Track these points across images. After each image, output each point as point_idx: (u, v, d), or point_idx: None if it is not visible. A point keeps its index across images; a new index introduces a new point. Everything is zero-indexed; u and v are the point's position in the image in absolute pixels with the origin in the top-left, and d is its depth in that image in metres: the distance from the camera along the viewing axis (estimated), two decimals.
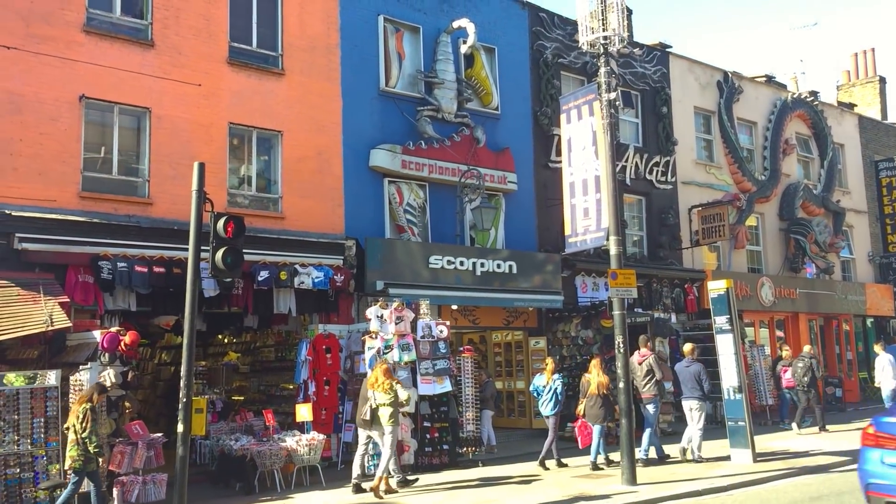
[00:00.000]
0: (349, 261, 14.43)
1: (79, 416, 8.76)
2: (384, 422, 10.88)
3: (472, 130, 16.75)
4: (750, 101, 23.60)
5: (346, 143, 15.08)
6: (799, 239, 23.22)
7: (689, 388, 12.47)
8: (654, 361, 12.77)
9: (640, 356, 13.01)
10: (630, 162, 19.77)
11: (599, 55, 11.15)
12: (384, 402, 10.84)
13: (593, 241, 12.54)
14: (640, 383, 12.65)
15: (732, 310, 11.88)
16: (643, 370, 12.71)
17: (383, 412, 10.88)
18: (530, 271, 16.68)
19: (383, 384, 10.93)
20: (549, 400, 12.54)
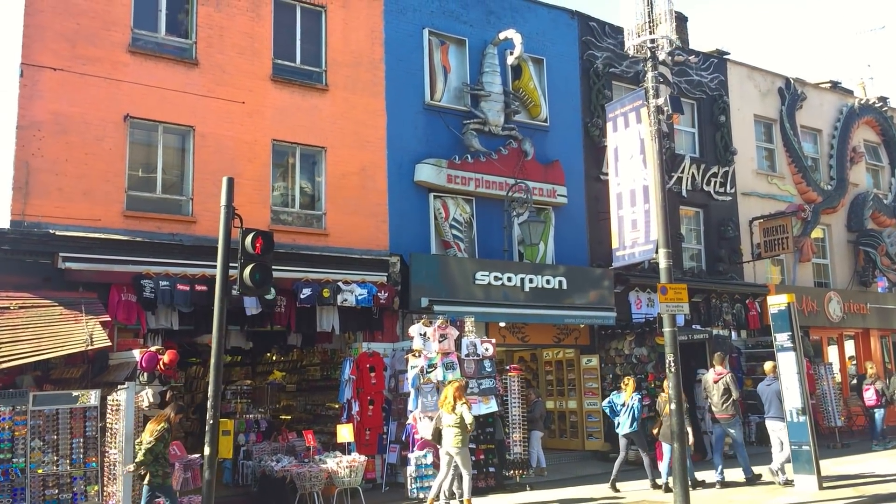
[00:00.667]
0: (393, 277, 14.18)
1: (153, 433, 8.84)
2: (449, 444, 10.62)
3: (519, 143, 16.37)
4: (814, 108, 22.60)
5: (390, 158, 14.89)
6: (869, 251, 22.06)
7: (774, 408, 12.05)
8: (730, 380, 12.38)
9: (716, 374, 12.61)
10: (686, 173, 19.08)
11: (646, 59, 10.64)
12: (449, 423, 10.61)
13: (642, 255, 12.01)
14: (717, 402, 12.32)
15: (794, 326, 11.17)
16: (720, 389, 12.34)
17: (447, 433, 10.64)
18: (581, 287, 16.16)
19: (448, 404, 10.66)
20: (627, 418, 12.33)
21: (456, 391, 10.75)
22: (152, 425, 9.02)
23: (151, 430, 8.94)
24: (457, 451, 10.59)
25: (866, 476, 12.81)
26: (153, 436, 8.83)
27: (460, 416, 10.53)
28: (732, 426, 12.34)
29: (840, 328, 21.34)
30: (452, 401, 10.65)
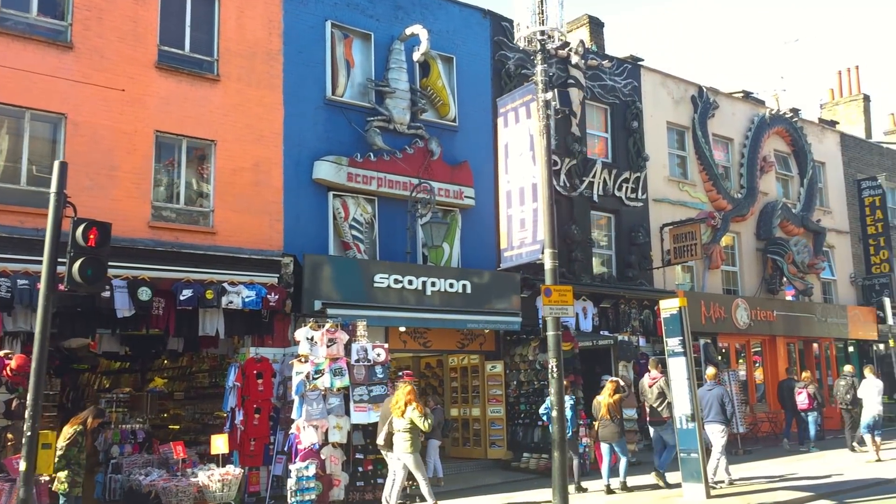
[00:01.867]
0: (286, 279, 13.51)
1: (67, 437, 8.48)
2: (400, 450, 10.48)
3: (426, 143, 15.90)
4: (726, 117, 22.83)
5: (287, 154, 14.22)
6: (776, 259, 22.36)
7: (713, 412, 12.33)
8: (664, 384, 12.57)
9: (650, 379, 12.95)
10: (598, 178, 18.93)
11: (536, 52, 10.29)
12: (399, 428, 10.45)
13: (529, 255, 11.64)
14: (653, 406, 12.62)
15: (685, 331, 10.96)
16: (654, 392, 12.67)
17: (398, 439, 10.49)
18: (486, 291, 15.76)
19: (399, 408, 10.52)
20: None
21: (408, 395, 10.61)
22: (67, 429, 8.60)
23: (66, 435, 8.51)
24: (408, 456, 10.44)
25: (760, 479, 12.78)
26: (66, 441, 8.25)
27: (411, 421, 10.39)
28: (666, 429, 12.45)
29: (748, 335, 21.53)
30: (403, 405, 10.51)
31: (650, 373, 13.17)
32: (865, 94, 31.50)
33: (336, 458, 11.67)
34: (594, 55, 19.69)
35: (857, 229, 26.34)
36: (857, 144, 27.57)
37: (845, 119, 31.15)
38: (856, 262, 26.15)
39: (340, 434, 11.70)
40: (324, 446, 11.56)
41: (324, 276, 13.59)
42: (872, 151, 28.21)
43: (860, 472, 13.43)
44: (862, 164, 27.24)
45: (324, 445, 11.56)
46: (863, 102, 31.30)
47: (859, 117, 31.24)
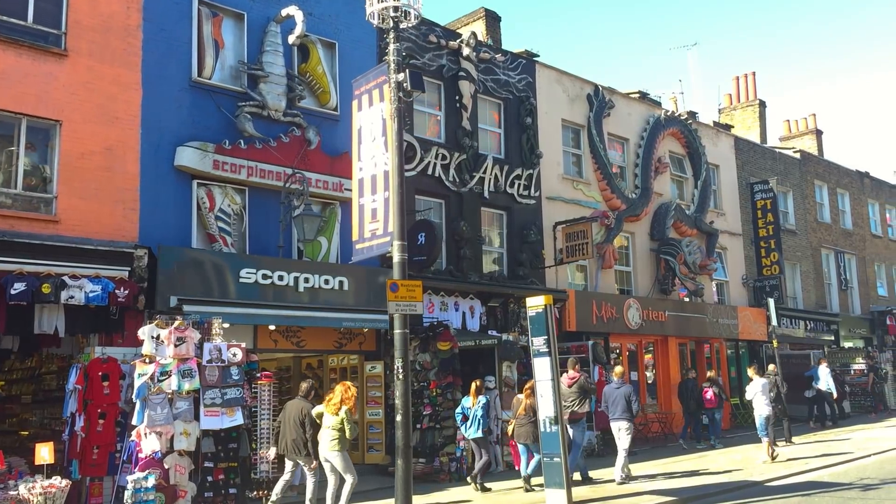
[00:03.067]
0: (139, 273, 12.45)
1: None
2: (325, 448, 10.23)
3: (303, 131, 15.08)
4: (622, 117, 22.79)
5: (145, 138, 13.16)
6: (669, 260, 22.43)
7: (619, 409, 13.00)
8: (584, 381, 13.18)
9: (569, 379, 13.11)
10: (489, 174, 18.47)
11: (389, 30, 9.64)
12: (329, 425, 10.25)
13: (379, 248, 11.01)
14: (570, 404, 12.73)
15: (550, 330, 10.51)
16: (574, 391, 12.91)
17: (324, 435, 10.28)
18: (365, 288, 15.06)
19: (334, 405, 10.33)
20: (473, 423, 12.69)
21: (347, 395, 10.43)
22: None
23: None
24: (335, 455, 10.22)
25: (642, 478, 12.52)
26: None
27: (341, 421, 10.23)
28: (578, 425, 12.80)
29: (640, 335, 21.49)
30: (339, 403, 10.35)
31: (567, 373, 13.29)
32: (761, 100, 32.29)
33: (182, 468, 10.71)
34: (487, 48, 19.26)
35: (750, 232, 26.81)
36: (750, 148, 28.11)
37: (742, 124, 31.87)
38: (748, 264, 26.60)
39: (188, 441, 10.75)
40: (168, 454, 10.62)
41: (181, 269, 12.61)
42: (766, 156, 28.84)
43: (751, 473, 13.29)
44: (755, 168, 27.78)
45: (168, 453, 10.62)
46: (758, 108, 32.08)
47: (755, 122, 32.01)
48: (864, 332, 31.74)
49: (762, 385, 16.05)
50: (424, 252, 15.83)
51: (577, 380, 13.07)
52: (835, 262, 31.02)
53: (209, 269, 12.95)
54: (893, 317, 32.35)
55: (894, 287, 35.25)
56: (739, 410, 23.91)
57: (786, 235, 28.16)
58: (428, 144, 17.30)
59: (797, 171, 30.02)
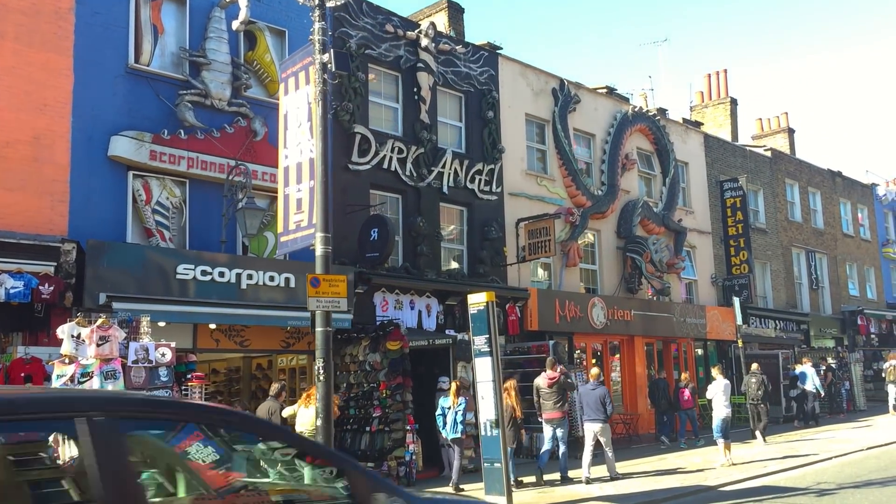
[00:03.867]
0: (66, 268, 11.81)
1: None
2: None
3: (249, 122, 14.50)
4: (588, 113, 22.36)
5: (76, 127, 12.52)
6: (635, 258, 22.01)
7: (593, 410, 13.17)
8: (564, 381, 13.48)
9: (548, 379, 13.38)
10: (448, 168, 17.95)
11: (314, 9, 9.09)
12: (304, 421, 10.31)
13: (304, 240, 10.46)
14: (547, 404, 13.15)
15: (492, 328, 10.00)
16: (553, 391, 13.19)
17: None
18: None
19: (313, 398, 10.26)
20: (452, 424, 12.47)
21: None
22: None
23: None
24: None
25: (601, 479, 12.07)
26: None
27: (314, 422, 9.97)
28: (560, 425, 13.08)
29: (605, 335, 21.06)
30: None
31: (546, 373, 13.60)
32: (732, 98, 32.03)
33: None
34: (447, 40, 18.74)
35: (719, 230, 26.50)
36: (720, 146, 27.79)
37: (713, 122, 31.59)
38: (717, 263, 26.28)
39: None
40: None
41: (111, 265, 11.96)
42: (736, 153, 28.54)
43: (706, 478, 12.87)
44: (725, 166, 27.47)
45: None
46: (730, 106, 31.81)
47: (727, 120, 31.74)
48: (835, 331, 31.57)
49: (724, 386, 15.70)
50: (377, 248, 15.30)
51: (557, 380, 13.30)
52: (806, 262, 30.82)
53: (142, 265, 12.31)
54: (864, 317, 32.23)
55: (866, 287, 35.15)
56: (707, 412, 23.52)
57: (756, 234, 27.88)
58: (384, 137, 16.76)
59: (768, 170, 29.76)
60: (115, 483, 2.97)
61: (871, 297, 35.15)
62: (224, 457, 3.53)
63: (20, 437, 3.25)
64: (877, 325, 33.45)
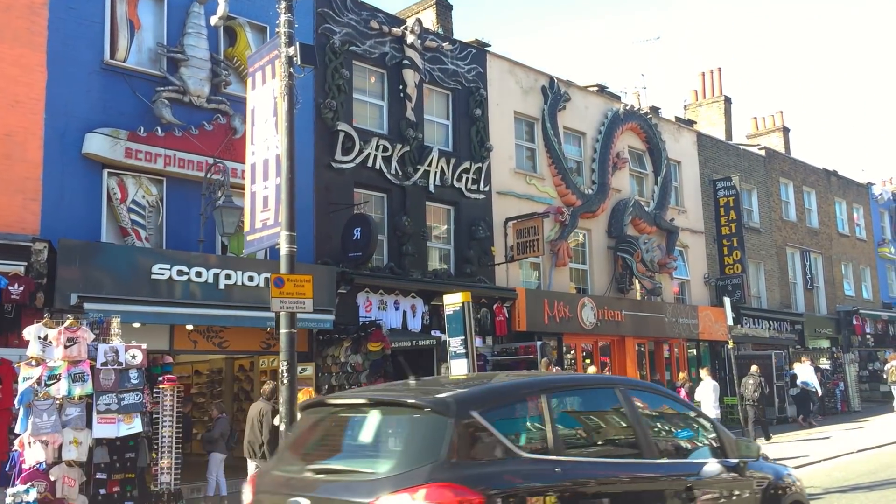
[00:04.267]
0: (37, 268, 11.56)
1: None
2: None
3: (229, 119, 14.24)
4: (579, 111, 22.12)
5: (50, 124, 12.28)
6: (626, 258, 21.77)
7: None
8: None
9: None
10: (434, 167, 17.71)
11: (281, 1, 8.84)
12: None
13: (270, 239, 10.21)
14: None
15: (468, 330, 9.76)
16: None
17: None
18: None
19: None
20: None
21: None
22: None
23: None
24: None
25: None
26: None
27: None
28: None
29: (595, 335, 20.82)
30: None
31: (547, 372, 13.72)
32: (726, 96, 31.81)
33: (71, 480, 9.84)
34: (434, 37, 18.50)
35: (712, 229, 26.26)
36: (713, 145, 27.56)
37: (707, 120, 31.36)
38: (710, 263, 26.04)
39: (78, 451, 9.88)
40: (55, 465, 9.75)
41: (83, 264, 11.71)
42: (729, 152, 28.30)
43: None
44: (718, 165, 27.23)
45: (55, 464, 9.76)
46: (724, 104, 31.58)
47: (721, 119, 31.51)
48: (830, 332, 31.34)
49: (713, 387, 15.52)
50: (360, 248, 15.08)
51: None
52: (800, 261, 30.58)
53: (116, 265, 12.06)
54: (860, 317, 32.00)
55: (861, 287, 34.92)
56: None
57: (750, 234, 27.65)
58: (368, 135, 16.51)
59: (762, 169, 29.53)
60: (634, 418, 5.45)
61: (866, 297, 34.92)
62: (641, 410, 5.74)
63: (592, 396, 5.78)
64: (872, 325, 33.22)
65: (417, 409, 4.68)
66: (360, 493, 4.32)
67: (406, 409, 4.80)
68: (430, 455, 4.33)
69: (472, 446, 4.48)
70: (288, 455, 5.34)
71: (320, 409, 5.38)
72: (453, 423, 4.43)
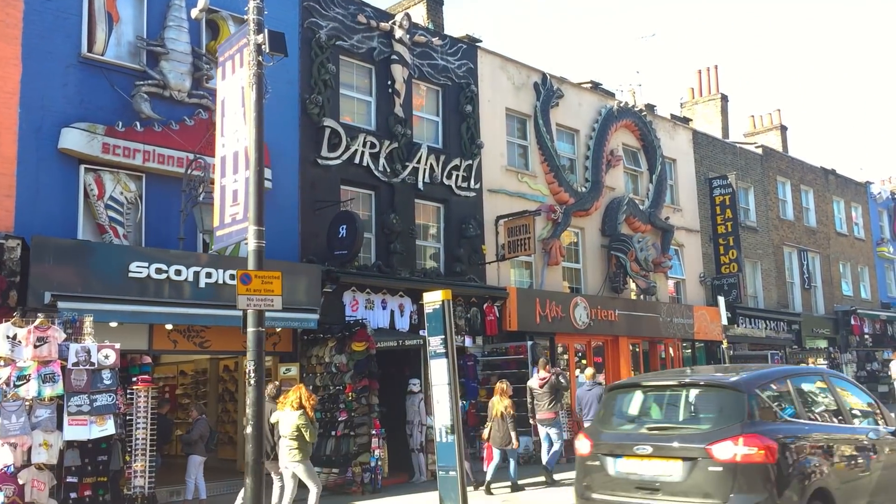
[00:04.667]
0: (10, 266, 11.25)
1: None
2: (286, 457, 9.81)
3: (211, 114, 13.93)
4: (572, 108, 21.83)
5: (24, 118, 11.98)
6: (619, 256, 21.45)
7: (593, 411, 13.10)
8: (556, 381, 13.50)
9: (539, 380, 13.53)
10: (424, 164, 17.41)
11: None
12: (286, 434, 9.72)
13: (238, 234, 9.90)
14: (540, 405, 13.32)
15: (448, 329, 9.45)
16: (546, 391, 13.30)
17: (283, 445, 9.84)
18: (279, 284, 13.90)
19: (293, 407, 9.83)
20: None
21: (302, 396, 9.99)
22: None
23: None
24: (296, 465, 9.83)
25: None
26: None
27: (298, 428, 9.74)
28: (554, 425, 13.27)
29: (588, 335, 20.51)
30: (297, 406, 9.89)
31: (538, 373, 13.86)
32: (723, 94, 31.50)
33: (41, 483, 9.58)
34: (423, 32, 18.21)
35: (708, 228, 25.96)
36: (710, 143, 27.25)
37: (704, 118, 31.07)
38: (706, 262, 25.74)
39: (48, 453, 9.64)
40: (24, 468, 9.48)
41: (58, 262, 11.40)
42: (725, 150, 28.00)
43: None
44: (714, 163, 26.94)
45: (24, 467, 9.49)
46: (720, 102, 31.29)
47: (717, 117, 31.21)
48: (827, 332, 31.04)
49: None
50: (346, 245, 14.80)
51: (548, 380, 13.39)
52: (798, 261, 30.28)
53: (92, 263, 11.75)
54: (858, 317, 31.70)
55: (860, 286, 34.63)
56: None
57: (746, 233, 27.37)
58: (355, 131, 16.22)
59: (759, 167, 29.24)
60: (835, 395, 7.83)
61: (864, 296, 34.62)
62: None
63: (811, 380, 8.23)
64: (871, 325, 32.92)
65: (723, 387, 7.08)
66: (695, 441, 6.63)
67: (714, 388, 7.19)
68: (738, 417, 6.66)
69: (759, 411, 6.79)
70: (614, 420, 7.55)
71: (632, 388, 7.80)
72: (746, 396, 6.79)
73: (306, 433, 9.81)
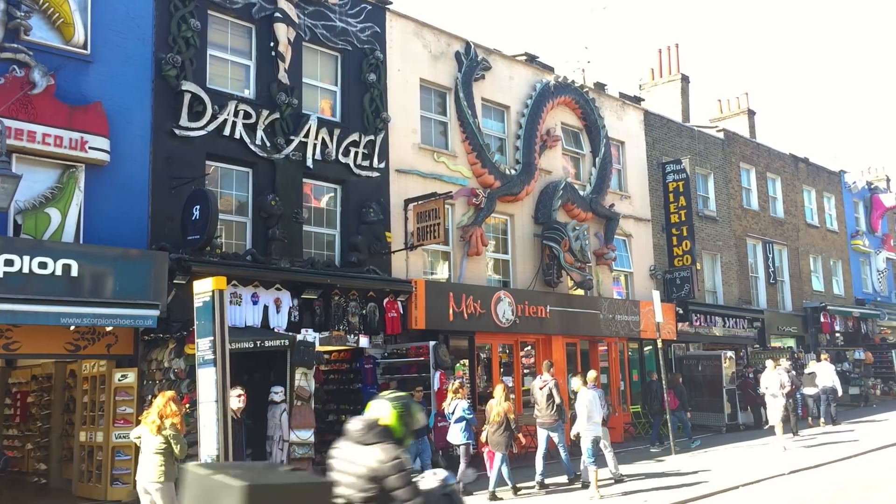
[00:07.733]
0: None
1: None
2: (148, 477, 8.20)
3: (28, 71, 11.68)
4: (502, 82, 19.61)
5: None
6: (552, 246, 19.23)
7: (596, 412, 12.65)
8: (554, 386, 13.30)
9: (541, 381, 13.54)
10: (314, 138, 15.17)
11: None
12: (152, 449, 8.20)
13: None
14: (541, 409, 13.23)
15: (220, 328, 7.19)
16: (545, 395, 13.21)
17: (146, 462, 8.28)
18: (111, 275, 11.69)
19: (154, 423, 8.32)
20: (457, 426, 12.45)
21: (167, 404, 8.40)
22: None
23: None
24: (157, 486, 8.12)
25: None
26: None
27: (166, 440, 8.22)
28: (555, 430, 13.13)
29: (514, 334, 18.30)
30: (158, 419, 8.32)
31: (541, 376, 13.91)
32: (684, 75, 29.33)
33: None
34: None
35: (661, 217, 23.78)
36: (664, 124, 25.05)
37: (665, 100, 28.85)
38: (657, 254, 23.56)
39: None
40: None
41: None
42: (682, 133, 25.81)
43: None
44: (669, 147, 24.75)
45: None
46: (681, 83, 29.10)
47: (678, 99, 29.03)
48: (795, 329, 28.97)
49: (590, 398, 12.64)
50: (199, 229, 12.55)
51: (548, 384, 13.37)
52: (762, 253, 28.16)
53: None
54: (828, 313, 29.62)
55: (832, 281, 32.59)
56: (640, 420, 20.92)
57: (705, 222, 25.26)
58: (223, 98, 13.97)
59: (720, 153, 27.09)
60: None
61: (837, 292, 32.57)
62: None
63: None
64: (842, 322, 30.84)
65: None
66: None
67: None
68: None
69: None
70: None
71: None
72: None
73: (176, 448, 8.22)
